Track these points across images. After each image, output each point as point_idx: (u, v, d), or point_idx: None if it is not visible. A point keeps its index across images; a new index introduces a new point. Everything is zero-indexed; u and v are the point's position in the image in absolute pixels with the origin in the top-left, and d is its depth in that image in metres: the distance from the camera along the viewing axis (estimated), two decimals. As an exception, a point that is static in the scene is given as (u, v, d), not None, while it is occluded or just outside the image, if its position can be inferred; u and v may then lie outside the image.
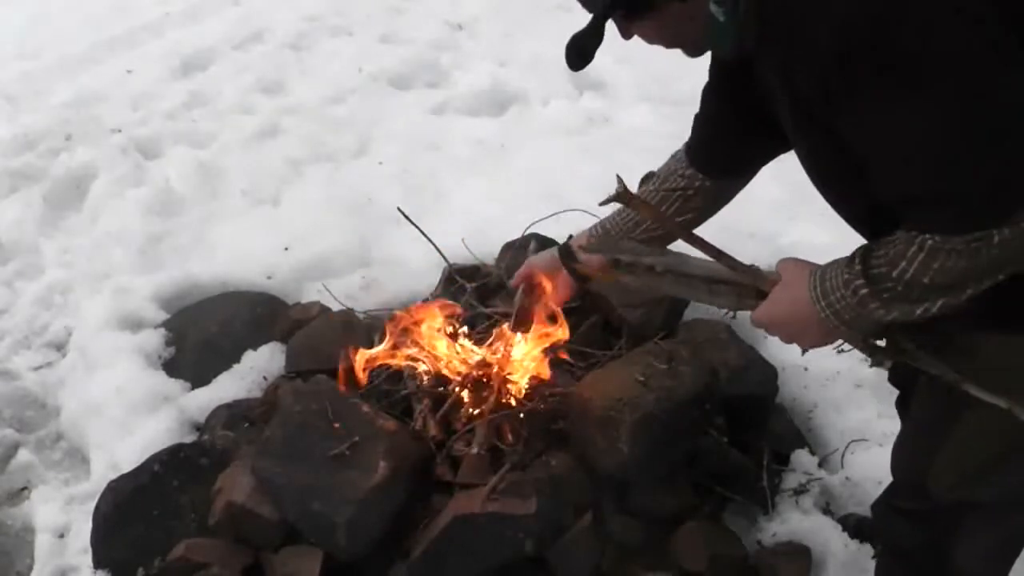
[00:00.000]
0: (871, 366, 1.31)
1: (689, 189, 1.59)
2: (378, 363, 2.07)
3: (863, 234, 1.31)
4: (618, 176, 1.38)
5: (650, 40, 1.30)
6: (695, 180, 1.58)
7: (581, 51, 1.28)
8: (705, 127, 1.57)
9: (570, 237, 1.74)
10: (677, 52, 1.33)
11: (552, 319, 1.91)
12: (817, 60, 1.06)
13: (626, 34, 1.30)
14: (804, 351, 1.33)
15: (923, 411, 1.48)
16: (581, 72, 4.35)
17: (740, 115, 1.44)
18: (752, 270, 1.36)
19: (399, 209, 2.46)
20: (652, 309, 2.32)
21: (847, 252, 1.21)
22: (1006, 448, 1.34)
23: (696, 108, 1.60)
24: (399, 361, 2.06)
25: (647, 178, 1.69)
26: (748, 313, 1.36)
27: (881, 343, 1.31)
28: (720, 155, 1.56)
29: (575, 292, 1.78)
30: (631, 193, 1.38)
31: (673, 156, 1.65)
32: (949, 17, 1.00)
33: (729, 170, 1.58)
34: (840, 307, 1.17)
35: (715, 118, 1.54)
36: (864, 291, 1.13)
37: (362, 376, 2.03)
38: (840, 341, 1.28)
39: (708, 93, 1.55)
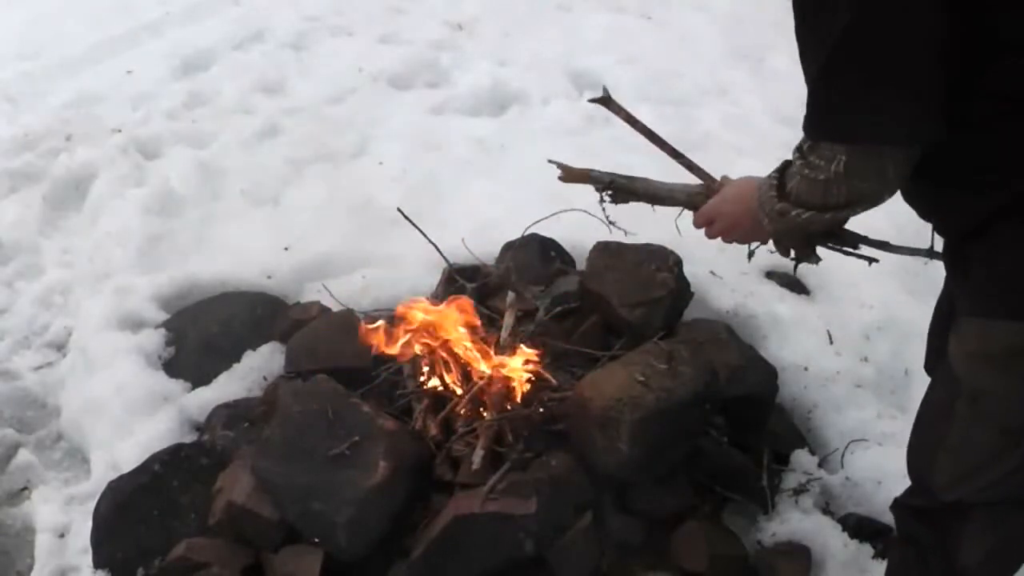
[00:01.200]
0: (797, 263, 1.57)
1: None
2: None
3: None
4: (604, 87, 1.72)
5: None
6: None
7: None
8: None
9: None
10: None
11: None
12: None
13: None
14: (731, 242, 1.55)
15: (922, 408, 1.49)
16: (581, 72, 4.37)
17: None
18: (706, 174, 1.64)
19: (399, 209, 2.46)
20: (652, 309, 2.32)
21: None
22: (999, 446, 1.34)
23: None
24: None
25: None
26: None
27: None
28: None
29: None
30: (612, 99, 1.70)
31: None
32: None
33: None
34: (765, 198, 1.36)
35: None
36: (775, 182, 1.33)
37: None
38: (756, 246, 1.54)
39: None
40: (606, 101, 1.71)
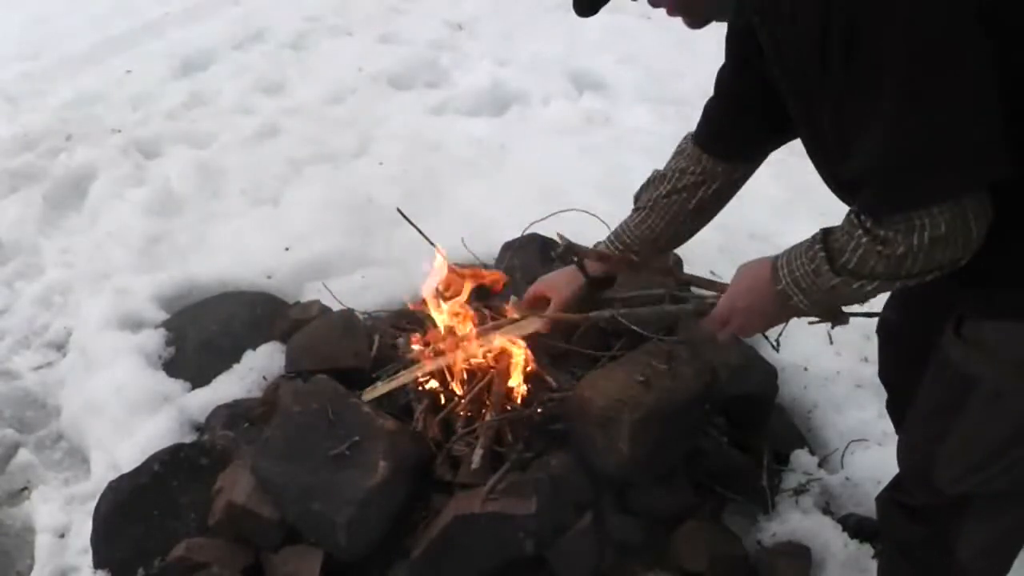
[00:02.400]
0: (832, 327, 1.50)
1: (702, 184, 1.61)
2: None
3: (847, 203, 1.33)
4: (559, 235, 1.66)
5: (653, 3, 1.33)
6: (706, 168, 1.61)
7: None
8: (718, 109, 1.60)
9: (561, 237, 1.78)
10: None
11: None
12: (792, 28, 1.16)
13: None
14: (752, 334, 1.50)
15: (928, 401, 1.48)
16: (581, 72, 4.37)
17: (753, 89, 1.45)
18: (711, 281, 1.59)
19: (399, 210, 2.46)
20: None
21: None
22: (1012, 435, 1.34)
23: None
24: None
25: (653, 179, 1.70)
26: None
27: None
28: (734, 136, 1.58)
29: (579, 301, 1.85)
30: (576, 247, 1.65)
31: (677, 151, 1.67)
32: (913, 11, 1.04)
33: (742, 151, 1.59)
34: (799, 274, 1.28)
35: (729, 96, 1.56)
36: (821, 255, 1.24)
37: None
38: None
39: (722, 72, 1.57)
40: (569, 251, 1.69)
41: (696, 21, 1.33)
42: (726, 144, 1.59)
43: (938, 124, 1.07)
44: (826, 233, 1.26)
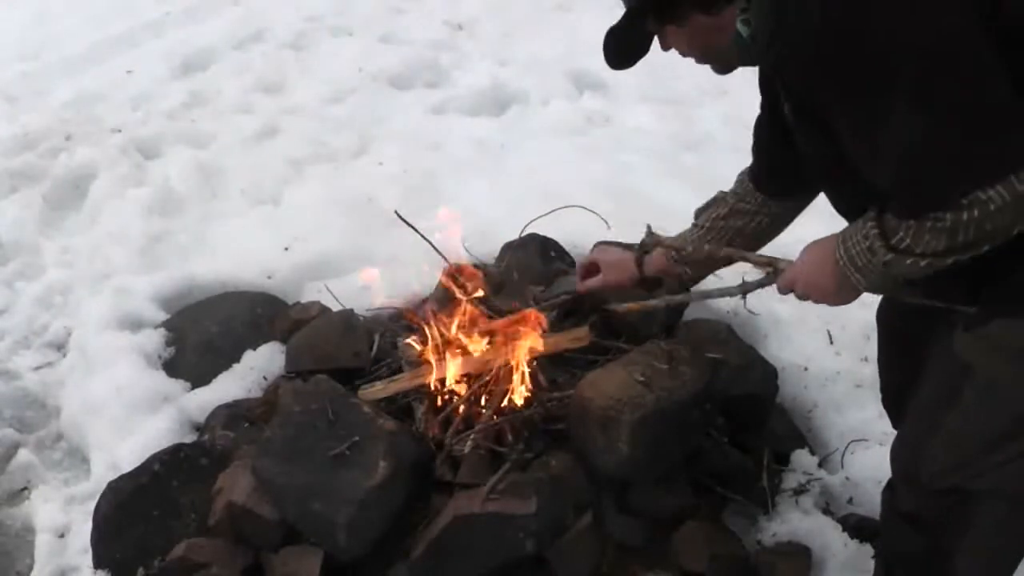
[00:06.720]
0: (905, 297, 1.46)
1: (757, 214, 1.70)
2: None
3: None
4: (648, 226, 1.76)
5: (682, 52, 1.42)
6: (762, 204, 1.69)
7: (618, 48, 1.46)
8: (760, 153, 1.67)
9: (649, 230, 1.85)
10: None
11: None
12: (799, 59, 1.23)
13: (663, 44, 1.43)
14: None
15: (926, 395, 1.50)
16: (581, 72, 4.37)
17: (786, 133, 1.48)
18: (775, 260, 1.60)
19: (397, 213, 2.46)
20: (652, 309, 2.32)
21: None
22: (1008, 427, 1.36)
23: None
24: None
25: (715, 200, 1.78)
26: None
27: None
28: (780, 178, 1.65)
29: (628, 283, 1.92)
30: (658, 237, 1.74)
31: (739, 178, 1.74)
32: (903, 21, 1.11)
33: (791, 189, 1.66)
34: (855, 252, 1.30)
35: (767, 142, 1.63)
36: (875, 233, 1.26)
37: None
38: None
39: (759, 119, 1.64)
40: (653, 241, 1.77)
41: (723, 69, 1.43)
42: (775, 184, 1.66)
43: (957, 123, 1.11)
44: (879, 212, 1.27)
